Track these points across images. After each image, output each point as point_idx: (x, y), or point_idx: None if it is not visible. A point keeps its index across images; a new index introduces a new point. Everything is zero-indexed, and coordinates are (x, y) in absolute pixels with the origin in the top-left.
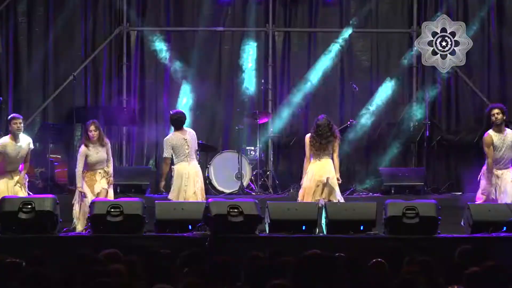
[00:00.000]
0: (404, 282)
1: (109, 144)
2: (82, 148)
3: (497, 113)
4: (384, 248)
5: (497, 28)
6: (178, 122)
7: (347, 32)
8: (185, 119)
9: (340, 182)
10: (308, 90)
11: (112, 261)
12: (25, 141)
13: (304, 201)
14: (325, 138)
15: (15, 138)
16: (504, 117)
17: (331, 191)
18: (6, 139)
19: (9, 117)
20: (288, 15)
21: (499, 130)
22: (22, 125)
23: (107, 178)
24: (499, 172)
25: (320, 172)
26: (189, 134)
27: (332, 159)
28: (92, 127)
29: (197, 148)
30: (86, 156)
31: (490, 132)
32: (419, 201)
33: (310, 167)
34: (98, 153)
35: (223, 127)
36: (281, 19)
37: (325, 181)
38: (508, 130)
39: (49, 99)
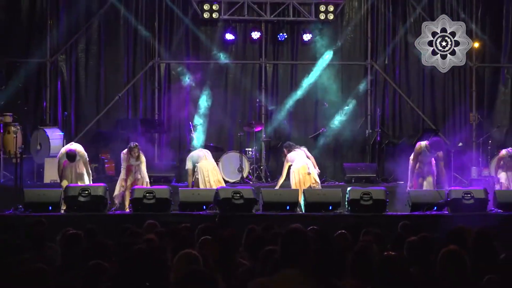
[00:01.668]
0: (361, 248)
1: (144, 160)
2: (124, 154)
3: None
4: (347, 223)
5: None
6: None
7: (324, 62)
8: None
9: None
10: (291, 106)
11: (150, 230)
12: (83, 156)
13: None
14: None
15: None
16: None
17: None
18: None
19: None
20: (276, 51)
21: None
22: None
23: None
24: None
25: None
26: (206, 151)
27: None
28: (135, 149)
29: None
30: (126, 162)
31: (422, 143)
32: (372, 188)
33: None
34: (133, 163)
35: (228, 134)
36: (271, 54)
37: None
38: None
39: (101, 113)
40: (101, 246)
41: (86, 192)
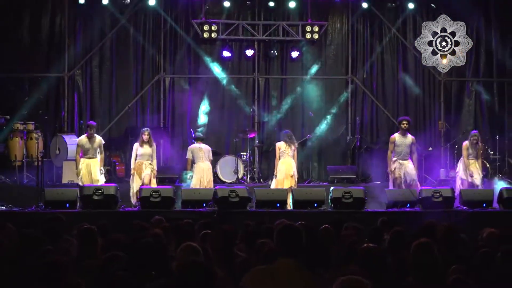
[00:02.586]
0: (343, 241)
1: (155, 147)
2: (135, 144)
3: (406, 123)
4: (330, 219)
5: (403, 73)
6: (198, 139)
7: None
8: (203, 138)
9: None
10: (281, 115)
11: (158, 225)
12: (98, 138)
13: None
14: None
15: (90, 136)
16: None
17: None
18: (83, 137)
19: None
20: (267, 67)
21: (403, 134)
22: (94, 130)
23: (151, 170)
24: (401, 161)
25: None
26: (205, 145)
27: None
28: (146, 132)
29: (211, 158)
30: (137, 149)
31: (396, 134)
32: (352, 187)
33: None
34: (145, 149)
35: (226, 139)
36: (263, 69)
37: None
38: (409, 134)
39: (112, 122)
40: (114, 241)
41: (100, 191)
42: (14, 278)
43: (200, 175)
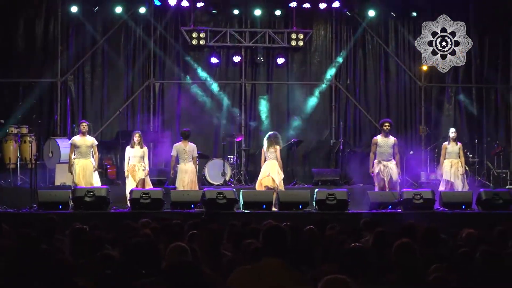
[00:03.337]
0: (327, 240)
1: (147, 149)
2: (127, 147)
3: (388, 125)
4: (314, 220)
5: (385, 80)
6: (183, 135)
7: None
8: (188, 134)
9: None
10: (266, 120)
11: (146, 226)
12: (91, 138)
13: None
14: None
15: (83, 135)
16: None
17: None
18: (77, 136)
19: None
20: (254, 73)
21: (385, 136)
22: (87, 127)
23: (144, 171)
24: (384, 162)
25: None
26: (189, 145)
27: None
28: (137, 134)
29: (196, 156)
30: (129, 152)
31: (378, 136)
32: (336, 189)
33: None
34: (136, 151)
35: (214, 143)
36: (250, 75)
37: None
38: (391, 136)
39: (104, 126)
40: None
41: (91, 193)
42: (14, 277)
43: (181, 177)
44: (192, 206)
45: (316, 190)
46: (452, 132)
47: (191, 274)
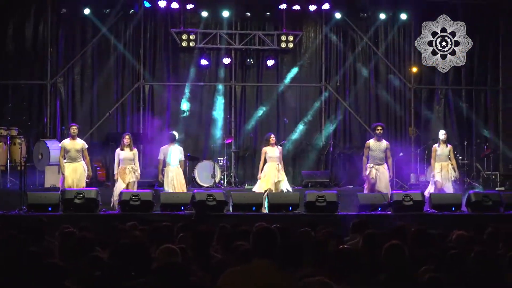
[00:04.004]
0: (318, 241)
1: (137, 152)
2: (117, 150)
3: (380, 128)
4: (304, 221)
5: (375, 83)
6: (170, 138)
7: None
8: (174, 137)
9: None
10: (256, 122)
11: (133, 229)
12: (81, 141)
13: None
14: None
15: (73, 138)
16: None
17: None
18: (66, 139)
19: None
20: (244, 74)
21: (378, 139)
22: (76, 130)
23: (134, 173)
24: (376, 166)
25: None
26: (176, 147)
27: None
28: (127, 136)
29: (183, 159)
30: (119, 154)
31: (371, 140)
32: (326, 191)
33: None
34: (126, 153)
35: (204, 145)
36: (240, 77)
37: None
38: (383, 140)
39: (94, 128)
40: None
41: (81, 195)
42: (3, 280)
43: (168, 180)
44: (182, 208)
45: (306, 192)
46: (442, 134)
47: (180, 276)
